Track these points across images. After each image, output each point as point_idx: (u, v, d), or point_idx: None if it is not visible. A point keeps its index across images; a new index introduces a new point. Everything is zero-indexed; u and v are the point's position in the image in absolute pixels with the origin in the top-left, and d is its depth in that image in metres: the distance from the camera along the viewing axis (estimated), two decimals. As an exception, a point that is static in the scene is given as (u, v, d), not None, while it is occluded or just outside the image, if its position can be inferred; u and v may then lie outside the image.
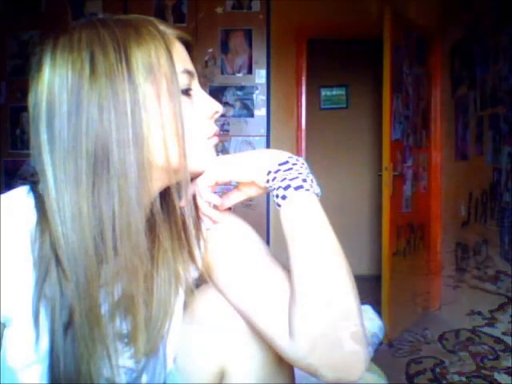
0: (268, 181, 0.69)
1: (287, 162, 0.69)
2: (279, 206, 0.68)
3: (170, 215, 0.71)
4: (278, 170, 0.69)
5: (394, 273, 2.89)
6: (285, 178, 0.67)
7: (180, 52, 0.69)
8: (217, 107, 0.72)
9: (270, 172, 0.69)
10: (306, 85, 3.43)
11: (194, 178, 0.72)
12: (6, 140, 3.30)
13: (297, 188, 0.66)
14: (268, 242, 3.16)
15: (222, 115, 2.19)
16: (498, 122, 2.46)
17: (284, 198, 0.67)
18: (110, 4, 3.25)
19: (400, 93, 2.93)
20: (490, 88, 2.56)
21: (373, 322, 1.46)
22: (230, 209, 0.79)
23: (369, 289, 3.14)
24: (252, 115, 3.32)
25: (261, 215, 3.28)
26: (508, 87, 2.35)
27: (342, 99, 4.63)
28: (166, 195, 0.71)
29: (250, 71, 3.31)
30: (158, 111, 0.64)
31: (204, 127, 0.71)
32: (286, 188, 0.67)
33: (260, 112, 3.32)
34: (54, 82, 0.61)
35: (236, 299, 0.71)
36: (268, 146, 3.28)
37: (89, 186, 0.61)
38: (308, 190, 0.67)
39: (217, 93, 3.24)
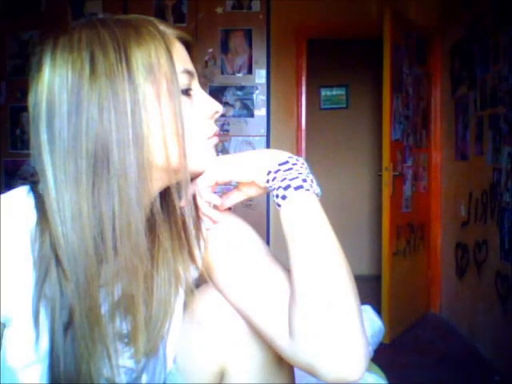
0: (268, 181, 0.69)
1: (287, 162, 0.69)
2: (279, 205, 0.68)
3: (170, 215, 0.71)
4: (278, 170, 0.69)
5: (394, 273, 2.89)
6: (285, 178, 0.67)
7: (180, 52, 0.69)
8: (217, 107, 0.72)
9: (269, 172, 0.69)
10: (306, 85, 3.43)
11: (194, 178, 0.72)
12: (6, 140, 3.30)
13: (297, 188, 0.66)
14: (268, 242, 3.16)
15: (222, 115, 2.19)
16: (498, 122, 2.46)
17: (284, 197, 0.67)
18: (110, 4, 3.25)
19: (400, 93, 2.93)
20: (490, 88, 2.56)
21: (373, 322, 1.45)
22: (230, 209, 0.79)
23: (369, 289, 3.14)
24: (252, 115, 3.32)
25: (261, 215, 3.28)
26: (508, 87, 2.35)
27: (342, 99, 4.63)
28: (166, 195, 0.71)
29: (250, 71, 3.31)
30: (158, 111, 0.64)
31: (204, 127, 0.71)
32: (286, 188, 0.67)
33: (260, 112, 3.32)
34: (54, 82, 0.61)
35: (236, 299, 0.71)
36: (268, 146, 3.28)
37: (89, 186, 0.61)
38: (308, 190, 0.67)
39: (217, 93, 3.24)
